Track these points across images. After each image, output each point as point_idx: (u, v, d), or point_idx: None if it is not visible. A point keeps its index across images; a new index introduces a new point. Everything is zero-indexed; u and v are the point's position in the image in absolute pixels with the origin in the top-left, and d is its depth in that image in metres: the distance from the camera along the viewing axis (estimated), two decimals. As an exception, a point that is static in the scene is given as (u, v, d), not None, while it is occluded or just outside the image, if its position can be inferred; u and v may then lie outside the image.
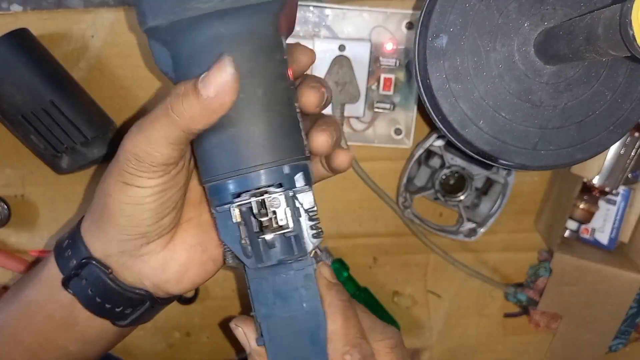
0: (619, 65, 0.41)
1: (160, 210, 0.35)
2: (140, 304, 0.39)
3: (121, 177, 0.34)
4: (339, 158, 0.38)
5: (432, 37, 0.40)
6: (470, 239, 0.60)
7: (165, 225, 0.36)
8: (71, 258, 0.37)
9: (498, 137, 0.41)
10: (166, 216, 0.36)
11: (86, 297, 0.37)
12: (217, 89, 0.30)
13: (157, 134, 0.32)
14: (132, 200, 0.34)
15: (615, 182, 0.58)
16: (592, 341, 0.62)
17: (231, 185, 0.33)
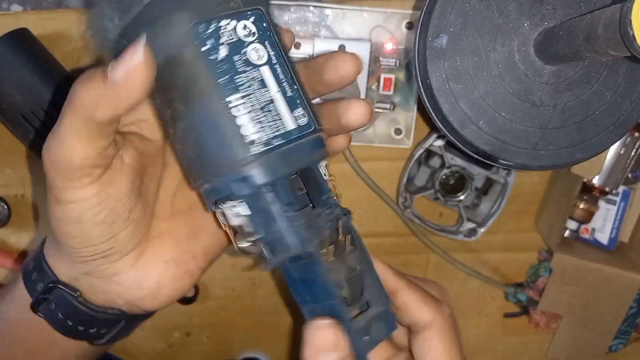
0: (619, 65, 0.41)
1: (106, 224, 0.31)
2: (115, 324, 0.36)
3: (52, 195, 0.31)
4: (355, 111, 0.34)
5: (432, 37, 0.40)
6: (470, 239, 0.60)
7: (124, 241, 0.32)
8: (38, 281, 0.34)
9: (498, 137, 0.41)
10: (120, 231, 0.32)
11: (57, 320, 0.35)
12: (126, 74, 0.26)
13: (64, 130, 0.28)
14: (71, 220, 0.30)
15: (615, 182, 0.58)
16: (592, 341, 0.62)
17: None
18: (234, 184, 0.28)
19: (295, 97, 0.29)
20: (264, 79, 0.28)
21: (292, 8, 0.54)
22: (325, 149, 0.31)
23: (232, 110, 0.27)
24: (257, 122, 0.27)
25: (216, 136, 0.28)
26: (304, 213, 0.30)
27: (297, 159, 0.29)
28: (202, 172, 0.29)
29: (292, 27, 0.54)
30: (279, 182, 0.28)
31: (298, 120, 0.29)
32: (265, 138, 0.28)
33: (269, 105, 0.28)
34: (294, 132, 0.28)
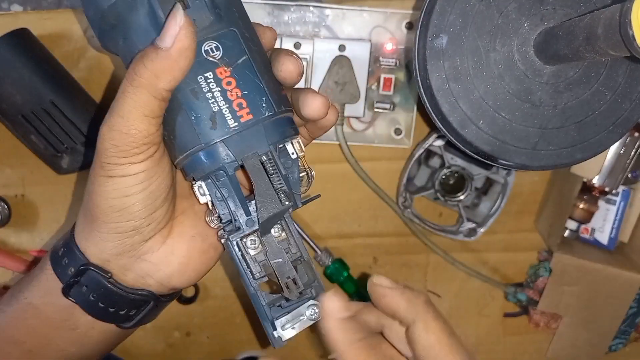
0: (619, 65, 0.41)
1: (150, 200, 0.34)
2: (144, 304, 0.38)
3: (103, 170, 0.32)
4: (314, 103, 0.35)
5: (432, 37, 0.40)
6: (470, 238, 0.60)
7: (159, 218, 0.35)
8: (68, 266, 0.36)
9: (498, 137, 0.41)
10: (158, 208, 0.35)
11: (88, 303, 0.37)
12: (173, 37, 0.30)
13: (128, 107, 0.31)
14: (118, 193, 0.33)
15: (615, 182, 0.58)
16: (592, 341, 0.62)
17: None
18: (191, 164, 0.34)
19: (254, 92, 0.33)
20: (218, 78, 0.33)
21: (292, 8, 0.54)
22: (282, 128, 0.34)
23: (193, 108, 0.32)
24: (211, 117, 0.32)
25: (183, 125, 0.33)
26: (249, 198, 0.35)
27: (244, 145, 0.33)
28: (174, 153, 0.34)
29: (292, 27, 0.54)
30: (227, 165, 0.33)
31: (254, 109, 0.33)
32: (223, 127, 0.32)
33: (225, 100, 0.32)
34: (248, 121, 0.32)
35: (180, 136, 0.33)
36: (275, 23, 0.54)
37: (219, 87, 0.32)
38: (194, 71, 0.31)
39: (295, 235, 0.36)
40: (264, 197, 0.33)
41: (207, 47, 0.32)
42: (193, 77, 0.32)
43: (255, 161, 0.33)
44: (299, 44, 0.54)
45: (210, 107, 0.32)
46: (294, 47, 0.54)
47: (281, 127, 0.34)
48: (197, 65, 0.32)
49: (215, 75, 0.32)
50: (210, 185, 0.34)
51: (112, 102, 0.32)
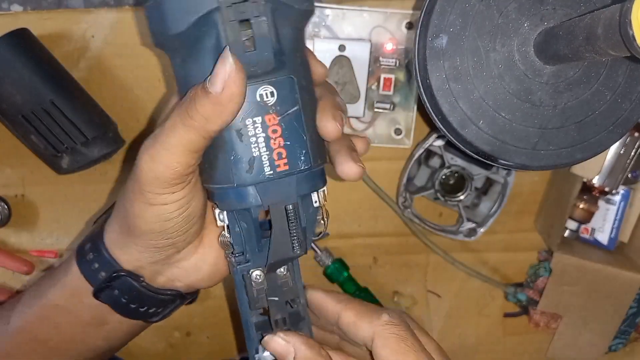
0: (619, 65, 0.41)
1: (187, 220, 0.35)
2: (171, 302, 0.40)
3: (143, 197, 0.33)
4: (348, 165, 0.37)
5: (432, 37, 0.40)
6: (470, 238, 0.60)
7: (193, 232, 0.37)
8: (99, 270, 0.38)
9: (498, 137, 0.41)
10: (194, 225, 0.36)
11: (119, 304, 0.38)
12: (223, 82, 0.30)
13: (175, 141, 0.32)
14: (158, 219, 0.34)
15: (615, 182, 0.58)
16: (592, 341, 0.62)
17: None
18: (219, 196, 0.35)
19: (296, 144, 0.33)
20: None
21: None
22: (313, 181, 0.35)
23: (236, 149, 0.33)
24: (250, 161, 0.33)
25: (221, 161, 0.34)
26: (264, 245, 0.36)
27: (274, 193, 0.34)
28: (206, 179, 0.36)
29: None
30: (253, 208, 0.34)
31: (291, 161, 0.33)
32: (259, 173, 0.33)
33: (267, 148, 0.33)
34: (283, 172, 0.33)
35: (216, 169, 0.34)
36: (275, 23, 0.54)
37: (264, 133, 0.32)
38: (244, 112, 0.32)
39: (297, 278, 0.38)
40: (278, 241, 0.35)
41: (262, 92, 0.32)
42: (242, 118, 0.32)
43: (281, 209, 0.34)
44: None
45: (251, 151, 0.32)
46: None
47: (313, 180, 0.35)
48: (249, 107, 0.32)
49: (264, 122, 0.32)
50: (231, 217, 0.36)
51: (157, 128, 0.33)
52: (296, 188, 0.34)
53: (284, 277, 0.38)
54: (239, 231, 0.36)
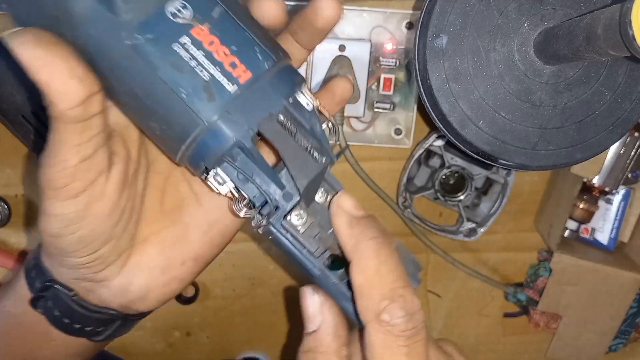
0: (619, 65, 0.41)
1: (86, 242, 0.30)
2: (111, 323, 0.36)
3: (41, 206, 0.29)
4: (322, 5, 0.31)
5: (432, 37, 0.40)
6: (470, 238, 0.60)
7: (105, 254, 0.32)
8: (36, 278, 0.34)
9: (498, 137, 0.41)
10: (102, 247, 0.31)
11: (54, 318, 0.35)
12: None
13: (49, 137, 0.28)
14: (51, 233, 0.30)
15: (615, 182, 0.58)
16: (592, 341, 0.62)
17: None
18: (198, 153, 0.28)
19: (247, 44, 0.28)
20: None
21: (292, 8, 0.54)
22: (289, 79, 0.29)
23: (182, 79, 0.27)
24: (205, 88, 0.27)
25: (175, 108, 0.27)
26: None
27: (254, 109, 0.27)
28: (173, 147, 0.29)
29: (292, 27, 0.54)
30: (242, 138, 0.27)
31: (251, 65, 0.27)
32: (223, 95, 0.27)
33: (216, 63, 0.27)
34: (249, 81, 0.27)
35: (175, 124, 0.28)
36: (275, 23, 0.54)
37: (201, 50, 0.27)
38: (165, 42, 0.27)
39: (343, 189, 0.31)
40: (296, 162, 0.28)
41: (171, 9, 0.27)
42: (167, 48, 0.27)
43: (273, 124, 0.28)
44: (299, 44, 0.54)
45: (200, 76, 0.27)
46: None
47: (288, 76, 0.29)
48: (168, 33, 0.27)
49: (194, 38, 0.27)
50: (227, 168, 0.29)
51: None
52: (274, 91, 0.28)
53: (329, 201, 0.30)
54: (245, 179, 0.29)
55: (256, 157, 0.28)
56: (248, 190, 0.29)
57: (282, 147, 0.28)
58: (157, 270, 0.34)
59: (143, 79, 0.27)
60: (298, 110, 0.29)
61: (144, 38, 0.26)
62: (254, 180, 0.29)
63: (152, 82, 0.27)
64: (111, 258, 0.32)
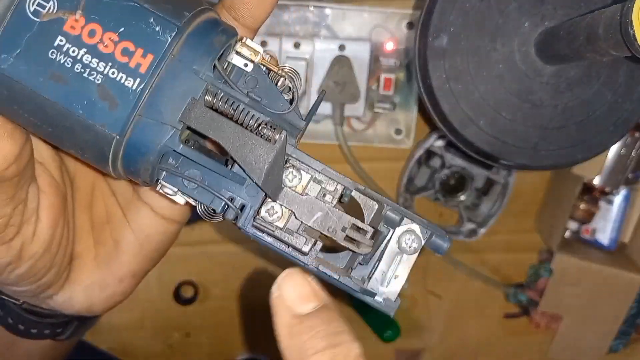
0: (620, 65, 0.40)
1: (24, 277, 0.29)
2: (68, 324, 0.35)
3: None
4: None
5: (432, 37, 0.40)
6: (470, 239, 0.60)
7: (46, 281, 0.30)
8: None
9: (498, 137, 0.41)
10: (43, 277, 0.29)
11: (9, 325, 0.34)
12: None
13: None
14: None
15: (616, 183, 0.58)
16: (593, 341, 0.62)
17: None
18: (128, 168, 0.23)
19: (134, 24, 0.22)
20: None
21: (292, 8, 0.53)
22: (207, 40, 0.23)
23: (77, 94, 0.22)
24: (102, 94, 0.22)
25: (77, 129, 0.22)
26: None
27: (170, 99, 0.22)
28: (102, 165, 0.24)
29: (292, 27, 0.54)
30: (169, 142, 0.23)
31: (149, 45, 0.21)
32: (125, 96, 0.22)
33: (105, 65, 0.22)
34: (151, 66, 0.22)
35: (87, 146, 0.23)
36: (275, 23, 0.54)
37: (81, 47, 0.21)
38: (38, 52, 0.21)
39: (319, 167, 0.24)
40: (242, 151, 0.22)
41: (32, 7, 0.21)
42: (43, 59, 0.21)
43: (200, 110, 0.22)
44: (299, 44, 0.54)
45: (91, 81, 0.21)
46: (293, 47, 0.53)
47: (204, 39, 0.22)
48: (37, 40, 0.21)
49: (68, 35, 0.21)
50: (169, 178, 0.24)
51: None
52: (188, 67, 0.22)
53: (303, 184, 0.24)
54: (195, 185, 0.24)
55: (196, 158, 0.23)
56: (201, 197, 0.24)
57: (220, 136, 0.22)
58: (95, 287, 0.33)
59: (32, 105, 0.22)
60: (233, 77, 0.23)
61: (12, 56, 0.21)
62: (203, 184, 0.24)
63: (42, 106, 0.22)
64: (53, 281, 0.31)
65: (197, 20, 0.22)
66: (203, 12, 0.23)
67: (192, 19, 0.22)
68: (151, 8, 0.21)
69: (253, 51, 0.23)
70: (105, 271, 0.33)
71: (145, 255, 0.33)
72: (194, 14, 0.22)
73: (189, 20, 0.22)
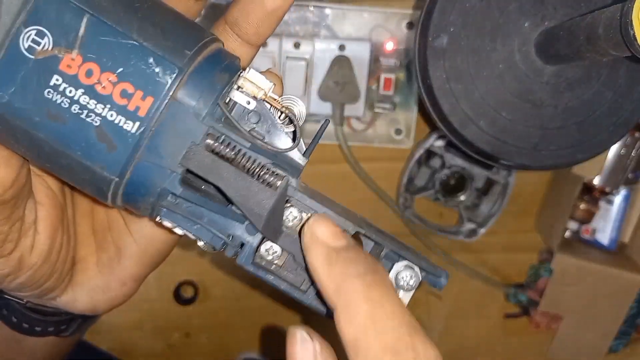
0: (620, 65, 0.40)
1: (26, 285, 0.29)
2: (71, 321, 0.36)
3: None
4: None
5: (432, 36, 0.40)
6: (470, 239, 0.60)
7: (49, 286, 0.31)
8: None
9: (498, 137, 0.41)
10: (45, 282, 0.30)
11: (13, 324, 0.35)
12: None
13: None
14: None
15: (616, 183, 0.58)
16: (593, 341, 0.62)
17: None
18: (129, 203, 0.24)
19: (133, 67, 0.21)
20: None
21: (292, 8, 0.53)
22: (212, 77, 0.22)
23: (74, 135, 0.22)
24: (100, 136, 0.21)
25: (76, 168, 0.22)
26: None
27: (169, 144, 0.22)
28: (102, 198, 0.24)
29: (291, 27, 0.54)
30: (169, 185, 0.23)
31: (148, 87, 0.21)
32: (124, 139, 0.21)
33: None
34: (150, 110, 0.21)
35: (86, 184, 0.23)
36: (275, 23, 0.54)
37: (80, 88, 0.21)
38: (33, 91, 0.21)
39: (319, 209, 0.24)
40: (243, 197, 0.22)
41: (26, 43, 0.20)
42: (39, 99, 0.21)
43: (200, 155, 0.22)
44: (299, 44, 0.54)
45: (88, 123, 0.21)
46: (293, 47, 0.53)
47: (206, 79, 0.22)
48: (32, 79, 0.21)
49: (65, 75, 0.21)
50: (169, 215, 0.24)
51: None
52: (190, 112, 0.21)
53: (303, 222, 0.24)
54: (194, 222, 0.24)
55: (196, 200, 0.23)
56: (201, 234, 0.24)
57: (220, 181, 0.22)
58: (98, 291, 0.33)
59: (29, 143, 0.22)
60: (234, 113, 0.23)
61: (7, 94, 0.21)
62: (203, 223, 0.24)
63: (39, 145, 0.21)
64: (56, 286, 0.31)
65: (198, 58, 0.22)
66: (205, 46, 0.22)
67: (193, 58, 0.22)
68: (151, 47, 0.21)
69: (256, 87, 0.23)
70: (108, 275, 0.33)
71: (147, 260, 0.34)
72: (195, 52, 0.22)
73: (190, 60, 0.22)
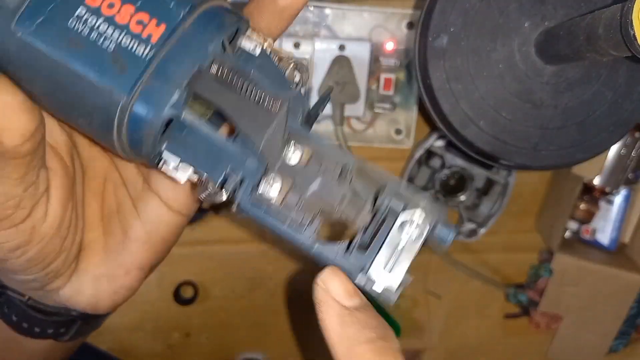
0: (620, 65, 0.40)
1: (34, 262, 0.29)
2: (71, 324, 0.35)
3: None
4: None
5: (432, 37, 0.40)
6: (470, 239, 0.60)
7: (55, 269, 0.30)
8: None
9: (498, 137, 0.41)
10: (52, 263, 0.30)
11: (12, 322, 0.34)
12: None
13: None
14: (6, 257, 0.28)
15: (616, 183, 0.58)
16: (593, 342, 0.62)
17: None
18: (132, 139, 0.24)
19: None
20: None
21: (292, 8, 0.53)
22: (217, 21, 0.24)
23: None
24: (114, 59, 0.23)
25: (88, 92, 0.23)
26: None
27: (178, 71, 0.23)
28: (107, 134, 0.24)
29: (292, 27, 0.54)
30: (174, 107, 0.23)
31: (163, 17, 0.23)
32: (135, 62, 0.23)
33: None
34: (162, 37, 0.23)
35: (95, 111, 0.24)
36: (275, 23, 0.54)
37: (101, 18, 0.23)
38: (58, 21, 0.23)
39: (321, 142, 0.25)
40: (244, 119, 0.23)
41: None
42: (62, 28, 0.23)
43: (206, 79, 0.23)
44: (299, 44, 0.54)
45: (104, 47, 0.23)
46: (293, 47, 0.54)
47: (216, 18, 0.24)
48: (59, 10, 0.23)
49: (89, 7, 0.23)
50: (172, 148, 0.24)
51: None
52: (200, 40, 0.23)
53: (306, 158, 0.25)
54: (197, 155, 0.25)
55: (199, 126, 0.24)
56: (201, 165, 0.25)
57: (222, 103, 0.23)
58: (103, 280, 0.33)
59: (47, 71, 0.23)
60: (241, 58, 0.24)
61: (35, 24, 0.23)
62: (204, 154, 0.24)
63: (56, 71, 0.23)
64: (62, 270, 0.31)
65: (211, 2, 0.24)
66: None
67: (207, 0, 0.24)
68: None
69: (261, 38, 0.24)
70: (113, 262, 0.33)
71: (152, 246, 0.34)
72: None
73: (204, 1, 0.24)
